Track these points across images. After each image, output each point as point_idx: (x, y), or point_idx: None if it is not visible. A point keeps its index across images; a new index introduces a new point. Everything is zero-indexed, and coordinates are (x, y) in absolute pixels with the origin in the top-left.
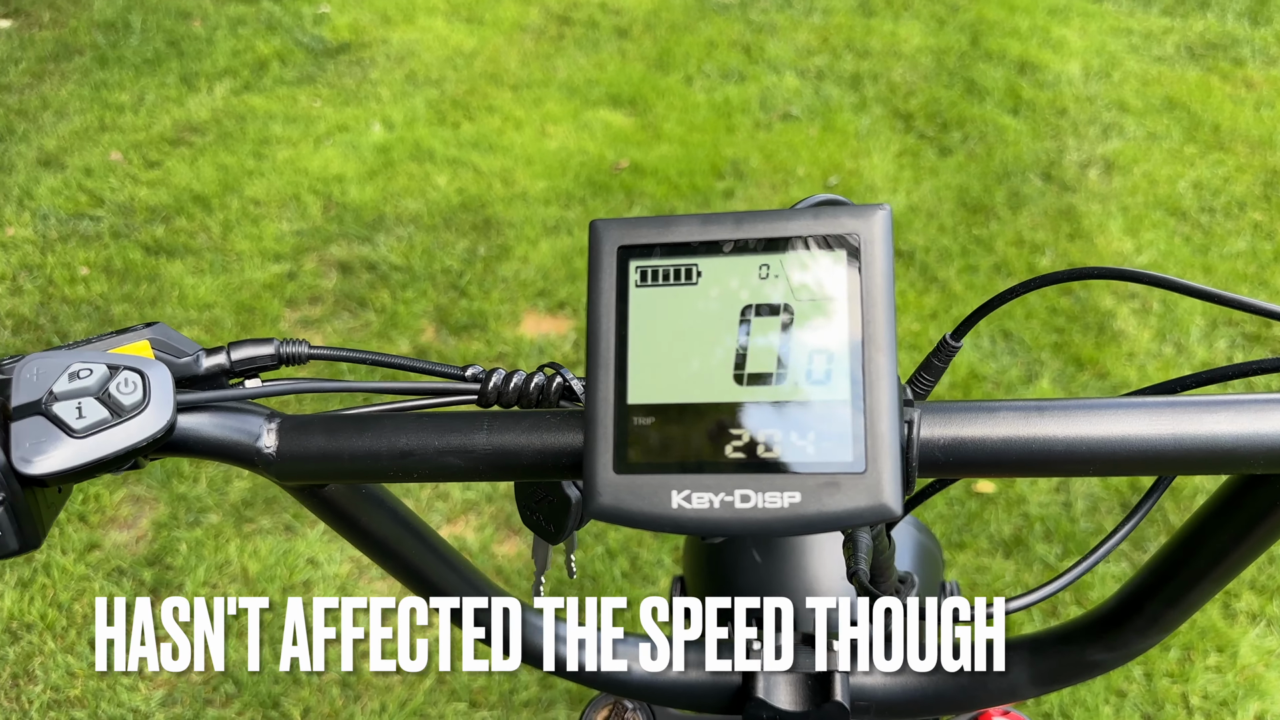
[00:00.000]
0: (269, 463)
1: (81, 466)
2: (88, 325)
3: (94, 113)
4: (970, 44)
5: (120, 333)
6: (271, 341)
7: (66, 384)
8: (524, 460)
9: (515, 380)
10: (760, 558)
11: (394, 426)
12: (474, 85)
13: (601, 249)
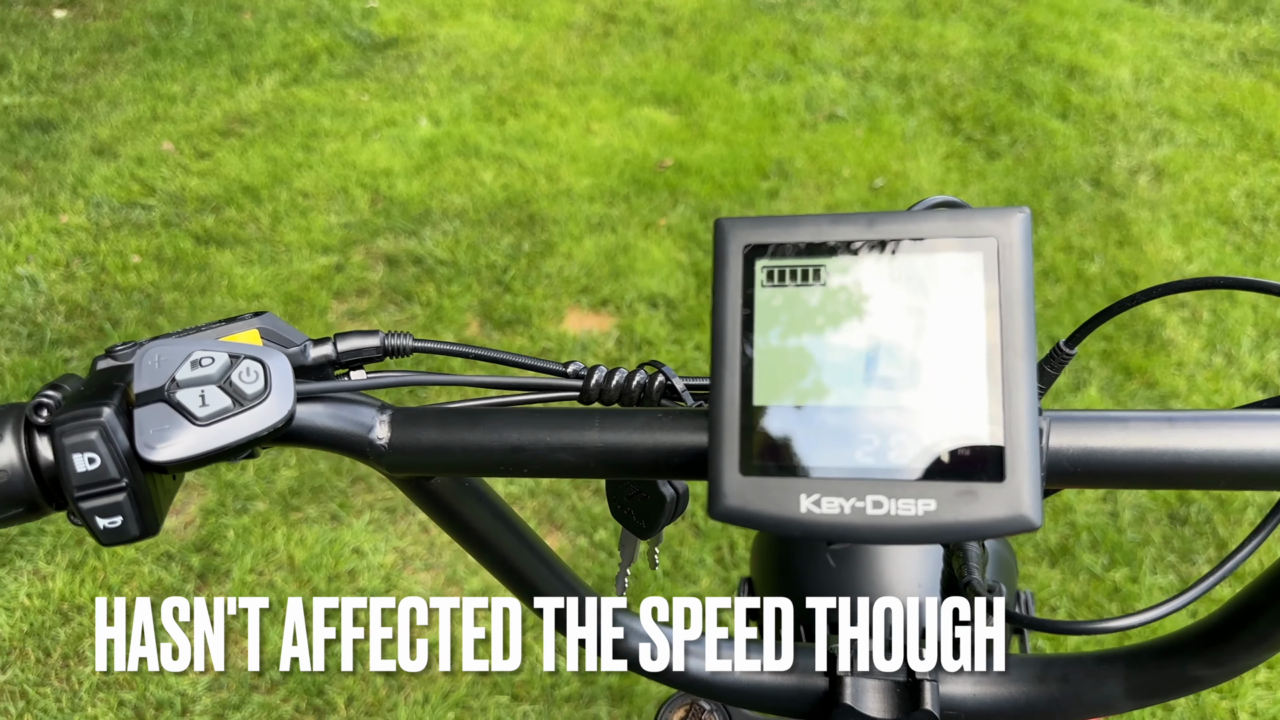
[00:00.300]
0: (380, 454)
1: (204, 454)
2: (139, 313)
3: (146, 103)
4: (1019, 47)
5: (229, 321)
6: (377, 333)
7: (189, 372)
8: (636, 458)
9: (617, 378)
10: (834, 561)
11: (506, 421)
12: (520, 82)
13: (727, 248)
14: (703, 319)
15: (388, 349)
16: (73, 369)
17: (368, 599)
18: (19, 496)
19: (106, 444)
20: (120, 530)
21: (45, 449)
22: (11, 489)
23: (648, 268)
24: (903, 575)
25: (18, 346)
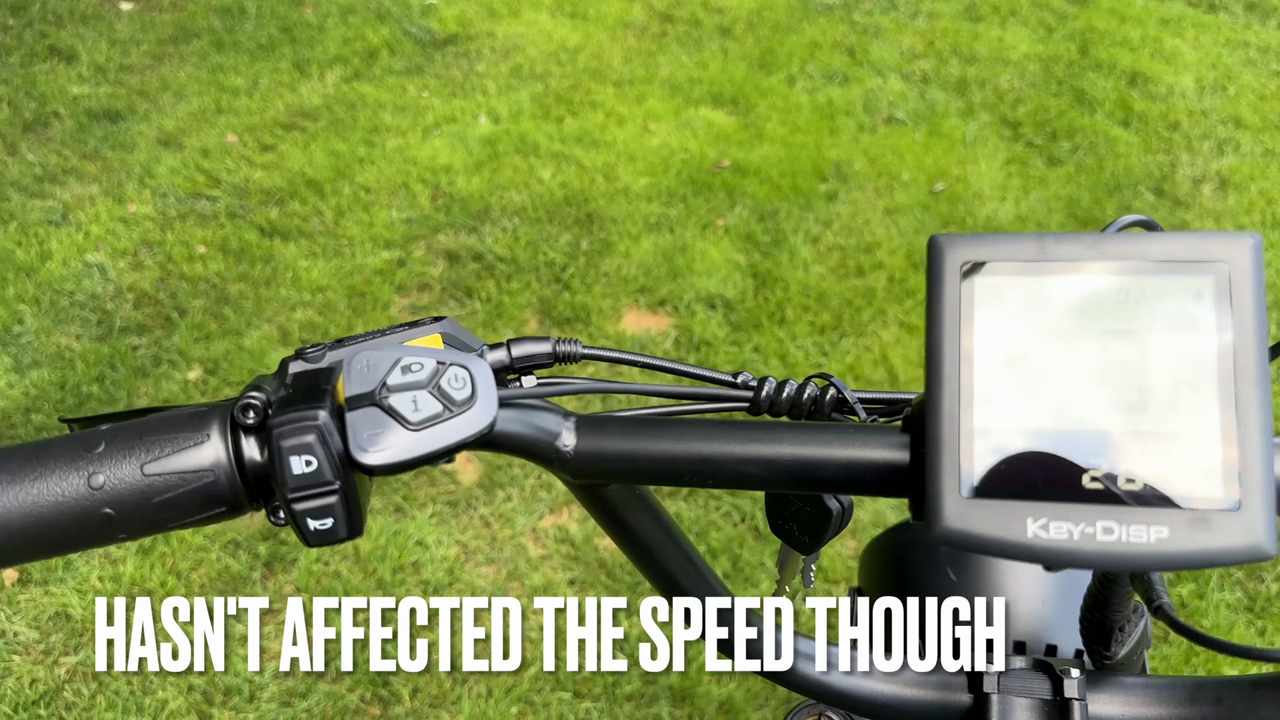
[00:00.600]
0: (565, 460)
1: (415, 459)
2: (205, 303)
3: (210, 95)
4: (1079, 53)
5: (411, 326)
6: (548, 340)
7: (400, 377)
8: (829, 473)
9: (788, 389)
10: (955, 575)
11: (693, 431)
12: (577, 80)
13: (944, 265)
14: (761, 321)
15: (558, 355)
16: (141, 357)
17: (426, 599)
18: (223, 496)
19: (323, 447)
20: (330, 532)
21: (252, 449)
22: (217, 489)
23: (705, 268)
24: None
25: (87, 333)
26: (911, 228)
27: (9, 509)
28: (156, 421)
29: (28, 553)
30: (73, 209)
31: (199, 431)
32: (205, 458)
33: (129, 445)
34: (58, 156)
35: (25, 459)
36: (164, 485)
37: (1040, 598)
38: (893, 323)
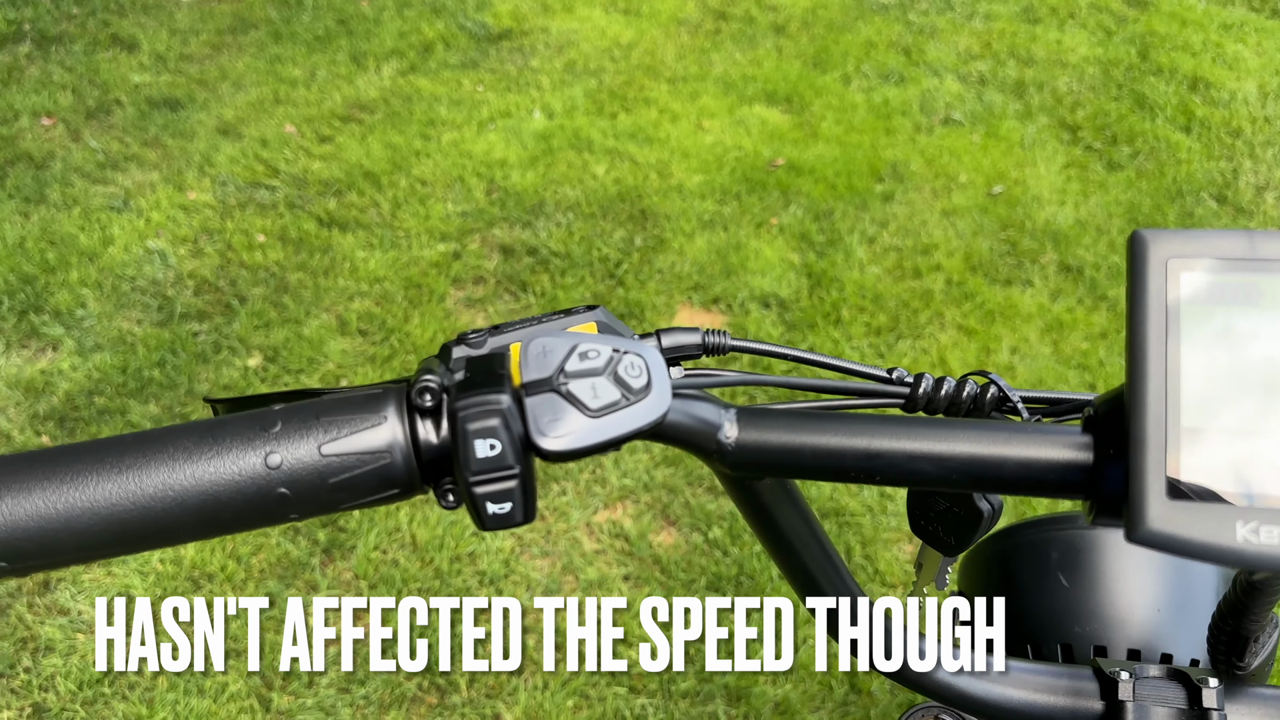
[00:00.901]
0: (726, 453)
1: (594, 445)
2: (264, 291)
3: (269, 86)
4: (1139, 57)
5: (566, 314)
6: (697, 331)
7: (577, 363)
8: (1008, 472)
9: (946, 386)
10: (1067, 581)
11: (860, 426)
12: (631, 77)
13: (1148, 261)
14: (816, 321)
15: (707, 347)
16: (202, 343)
17: (489, 598)
18: (398, 478)
19: (506, 431)
20: (507, 517)
21: (428, 432)
22: (393, 470)
23: (759, 267)
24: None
25: (148, 318)
26: (969, 230)
27: (185, 487)
28: (331, 402)
29: (202, 530)
30: (134, 195)
31: (376, 413)
32: (382, 439)
33: (306, 425)
34: (119, 143)
35: (201, 436)
36: (340, 466)
37: (1155, 606)
38: (950, 326)
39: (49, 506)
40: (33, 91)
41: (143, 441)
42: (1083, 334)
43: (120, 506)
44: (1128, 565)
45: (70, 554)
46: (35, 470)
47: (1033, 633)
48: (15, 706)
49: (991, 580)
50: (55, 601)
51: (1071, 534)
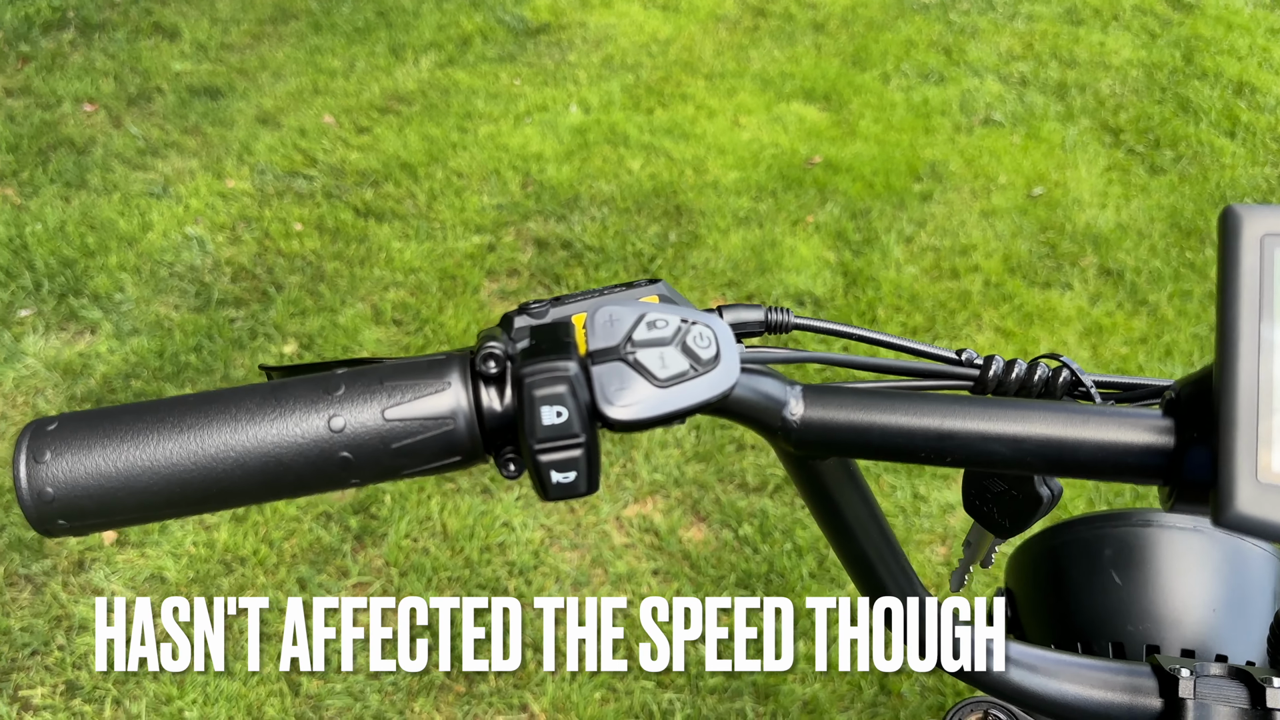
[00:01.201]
0: (790, 430)
1: (661, 415)
2: (301, 279)
3: (308, 76)
4: (1184, 60)
5: (629, 286)
6: (760, 308)
7: (645, 332)
8: (1085, 455)
9: (1017, 369)
10: (1120, 579)
11: (931, 406)
12: (668, 72)
13: (1241, 237)
14: (851, 319)
15: (770, 324)
16: (238, 330)
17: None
18: (460, 444)
19: (573, 399)
20: (570, 486)
21: (491, 399)
22: (455, 436)
23: (794, 265)
24: (1194, 598)
25: (186, 304)
26: (1008, 231)
27: (248, 448)
28: (395, 367)
29: (263, 493)
30: (173, 182)
31: (440, 379)
32: (445, 405)
33: (370, 389)
34: (160, 131)
35: (264, 398)
36: (403, 431)
37: (1211, 606)
38: (988, 327)
39: (109, 464)
40: (75, 78)
41: (205, 401)
42: (1122, 338)
43: (181, 466)
44: (1182, 564)
45: (130, 513)
46: (97, 428)
47: (1084, 629)
48: (49, 683)
49: (1042, 576)
50: (89, 581)
51: (1125, 531)
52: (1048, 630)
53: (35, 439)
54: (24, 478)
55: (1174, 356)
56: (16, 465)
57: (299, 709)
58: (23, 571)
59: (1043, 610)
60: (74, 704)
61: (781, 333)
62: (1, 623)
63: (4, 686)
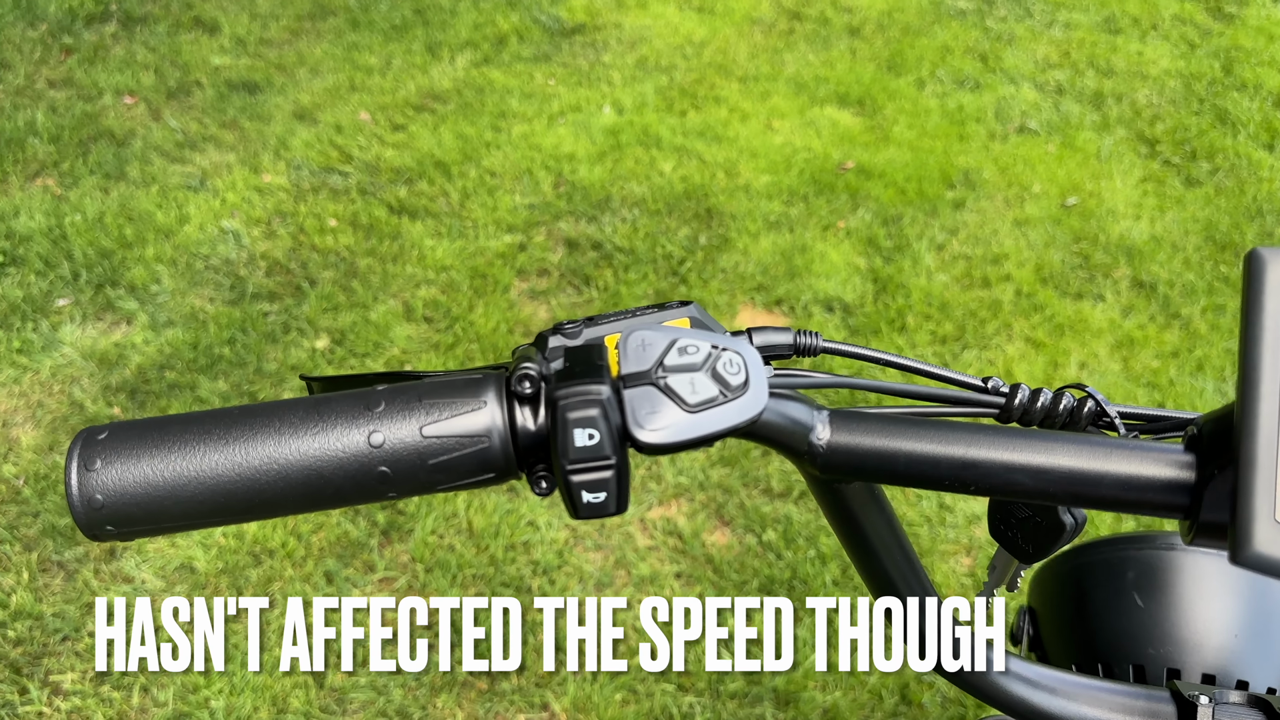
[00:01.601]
0: (816, 455)
1: (690, 440)
2: (334, 275)
3: (345, 73)
4: (1223, 71)
5: (661, 307)
6: (789, 331)
7: (676, 358)
8: (1107, 488)
9: (1042, 399)
10: (1142, 601)
11: (956, 434)
12: (702, 75)
13: (1266, 279)
14: (880, 327)
15: (799, 347)
16: (271, 323)
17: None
18: (495, 462)
19: (605, 422)
20: (600, 506)
21: (526, 418)
22: (490, 454)
23: (825, 270)
24: (1216, 621)
25: (220, 297)
26: (1041, 241)
27: (290, 461)
28: (433, 385)
29: (304, 504)
30: (210, 176)
31: (476, 397)
32: (481, 423)
33: (409, 406)
34: (198, 124)
35: (307, 413)
36: (440, 448)
37: (1233, 631)
38: (1019, 338)
39: (157, 474)
40: (116, 70)
41: (250, 414)
42: (1154, 352)
43: (226, 477)
44: (1205, 588)
45: (175, 521)
46: (146, 438)
47: (1105, 651)
48: (79, 669)
49: (1065, 596)
50: (120, 569)
51: (1148, 554)
52: (1069, 650)
53: (86, 447)
54: (75, 485)
55: (1205, 371)
56: (68, 472)
57: (323, 701)
58: (55, 558)
59: (1065, 630)
60: (103, 690)
61: (810, 356)
62: (34, 608)
63: (35, 671)
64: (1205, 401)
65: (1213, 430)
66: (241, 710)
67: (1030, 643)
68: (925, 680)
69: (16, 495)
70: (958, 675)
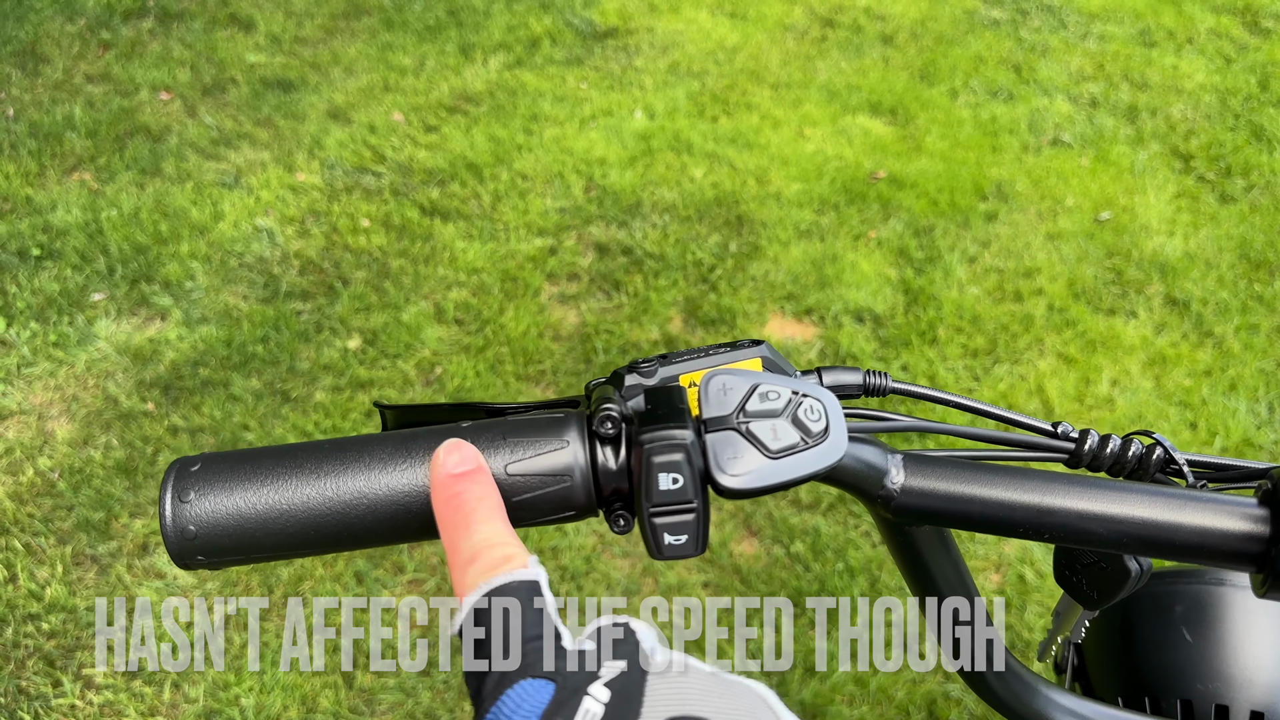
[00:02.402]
0: (890, 499)
1: (771, 485)
2: (367, 275)
3: (379, 73)
4: (1259, 87)
5: (733, 346)
6: (859, 371)
7: (758, 404)
8: (1180, 540)
9: (1112, 445)
10: (1190, 636)
11: (1031, 482)
12: (734, 81)
13: None
14: (910, 339)
15: (869, 388)
16: (304, 322)
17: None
18: (576, 500)
19: (689, 466)
20: (681, 548)
21: (607, 458)
22: (573, 493)
23: (855, 280)
24: (1267, 658)
25: (254, 294)
26: (1074, 255)
27: (379, 495)
28: (517, 423)
29: (390, 537)
30: (245, 173)
31: (559, 437)
32: (564, 461)
33: (494, 444)
34: (233, 121)
35: (396, 448)
36: (524, 485)
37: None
38: (1050, 353)
39: (249, 506)
40: (153, 66)
41: (340, 449)
42: (1186, 370)
43: (316, 510)
44: (1255, 624)
45: (265, 552)
46: (238, 471)
47: (1152, 686)
48: (110, 663)
49: (1112, 628)
50: (152, 565)
51: (1198, 588)
52: (1116, 683)
53: (180, 479)
54: (169, 516)
55: (1239, 391)
56: (162, 504)
57: (352, 702)
58: (89, 552)
59: (1111, 663)
60: (134, 685)
61: (879, 396)
62: (68, 601)
63: (69, 664)
64: (1238, 422)
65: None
66: (271, 709)
67: (1074, 673)
68: (953, 698)
69: (51, 489)
70: (1010, 709)
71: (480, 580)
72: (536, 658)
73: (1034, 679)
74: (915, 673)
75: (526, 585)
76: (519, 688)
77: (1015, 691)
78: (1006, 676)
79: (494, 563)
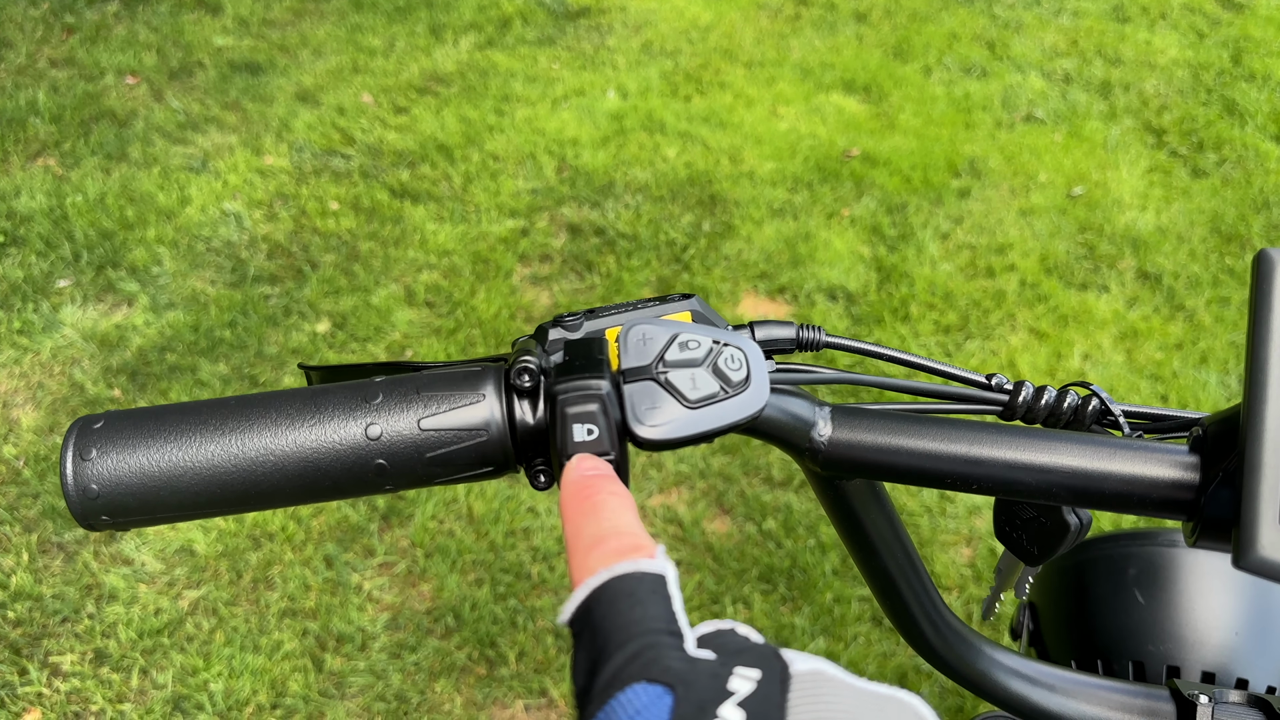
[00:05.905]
0: (817, 451)
1: (690, 436)
2: (336, 258)
3: (348, 54)
4: (1231, 62)
5: (662, 300)
6: (792, 325)
7: (677, 353)
8: (1110, 489)
9: (1046, 396)
10: (1143, 598)
11: (959, 432)
12: (708, 60)
13: (1275, 280)
14: (883, 316)
15: (801, 342)
16: (272, 306)
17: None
18: (493, 456)
19: (605, 417)
20: None
21: (524, 412)
22: (488, 448)
23: (828, 258)
24: (1216, 619)
25: (221, 279)
26: (1047, 231)
27: (287, 453)
28: (431, 378)
29: (300, 496)
30: (212, 157)
31: (474, 390)
32: (479, 416)
33: (406, 399)
34: (200, 105)
35: (304, 404)
36: (437, 441)
37: (1233, 629)
38: (1022, 328)
39: (153, 464)
40: (118, 50)
41: (246, 405)
42: (1158, 344)
43: (223, 468)
44: (1207, 586)
45: (171, 512)
46: (142, 428)
47: (1105, 648)
48: (78, 650)
49: (1066, 591)
50: (120, 551)
51: (1150, 550)
52: (1069, 646)
53: (82, 436)
54: (70, 474)
55: (1209, 364)
56: (64, 462)
57: (322, 685)
58: (55, 540)
59: (1065, 625)
60: (102, 671)
61: (813, 350)
62: (34, 589)
63: (35, 652)
64: (1209, 395)
65: (1218, 431)
66: (240, 693)
67: (1030, 638)
68: (924, 671)
69: (16, 476)
70: (954, 670)
71: (602, 566)
72: (655, 659)
73: (976, 638)
74: (885, 647)
75: (652, 577)
76: (632, 691)
77: (958, 651)
78: (948, 635)
79: (620, 549)
